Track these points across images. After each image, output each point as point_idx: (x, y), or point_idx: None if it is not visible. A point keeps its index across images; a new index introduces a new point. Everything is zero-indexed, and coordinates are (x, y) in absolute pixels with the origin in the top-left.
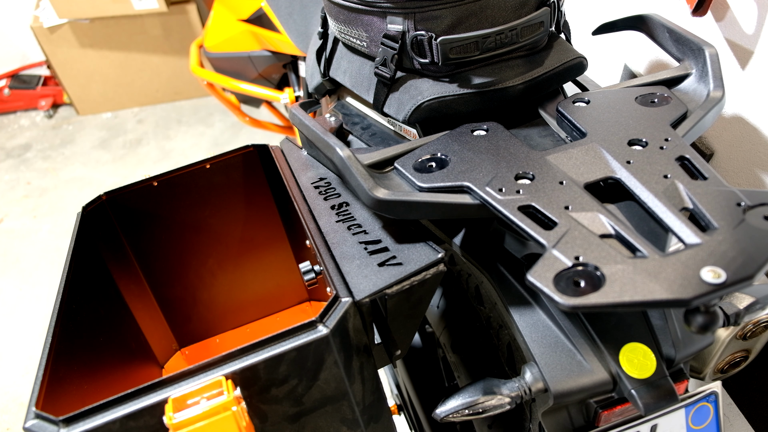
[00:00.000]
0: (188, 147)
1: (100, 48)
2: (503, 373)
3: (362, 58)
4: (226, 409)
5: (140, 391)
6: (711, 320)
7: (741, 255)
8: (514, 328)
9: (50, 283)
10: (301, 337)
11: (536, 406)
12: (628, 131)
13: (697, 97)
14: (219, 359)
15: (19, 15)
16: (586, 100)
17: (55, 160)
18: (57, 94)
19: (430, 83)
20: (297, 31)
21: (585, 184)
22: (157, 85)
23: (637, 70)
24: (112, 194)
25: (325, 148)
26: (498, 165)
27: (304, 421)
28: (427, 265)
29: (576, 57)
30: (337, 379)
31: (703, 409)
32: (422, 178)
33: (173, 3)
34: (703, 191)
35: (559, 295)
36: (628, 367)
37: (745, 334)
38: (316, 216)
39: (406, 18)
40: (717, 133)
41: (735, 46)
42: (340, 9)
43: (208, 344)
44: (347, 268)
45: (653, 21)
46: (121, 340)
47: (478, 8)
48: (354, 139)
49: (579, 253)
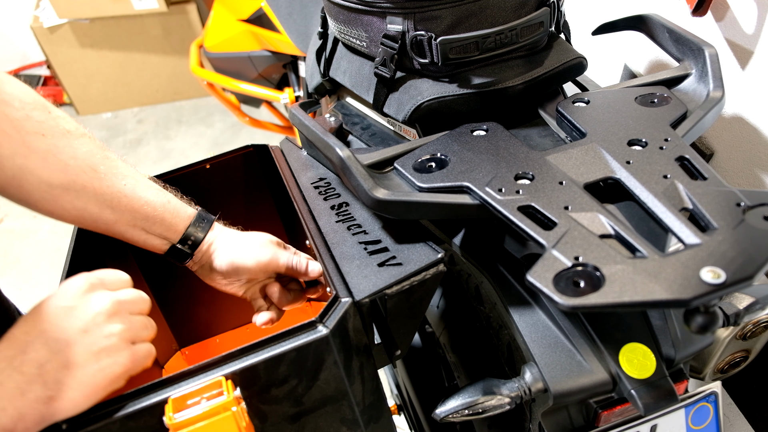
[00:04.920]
0: (188, 147)
1: (100, 48)
2: (503, 373)
3: (362, 58)
4: (226, 410)
5: (140, 391)
6: (711, 320)
7: (741, 255)
8: (514, 328)
9: (50, 283)
10: (301, 337)
11: (536, 406)
12: (628, 131)
13: (697, 97)
14: (219, 359)
15: (19, 15)
16: (586, 100)
17: None
18: (57, 94)
19: (429, 83)
20: (297, 31)
21: (585, 184)
22: (157, 85)
23: (637, 70)
24: None
25: (324, 148)
26: (498, 165)
27: (304, 421)
28: (427, 265)
29: (576, 57)
30: (337, 379)
31: (703, 409)
32: (422, 178)
33: (173, 3)
34: (703, 191)
35: (559, 296)
36: (628, 367)
37: (745, 334)
38: (315, 216)
39: (405, 18)
40: (717, 133)
41: (735, 46)
42: (340, 9)
43: (208, 344)
44: (347, 268)
45: (653, 21)
46: None
47: (477, 8)
48: (354, 139)
49: (579, 253)
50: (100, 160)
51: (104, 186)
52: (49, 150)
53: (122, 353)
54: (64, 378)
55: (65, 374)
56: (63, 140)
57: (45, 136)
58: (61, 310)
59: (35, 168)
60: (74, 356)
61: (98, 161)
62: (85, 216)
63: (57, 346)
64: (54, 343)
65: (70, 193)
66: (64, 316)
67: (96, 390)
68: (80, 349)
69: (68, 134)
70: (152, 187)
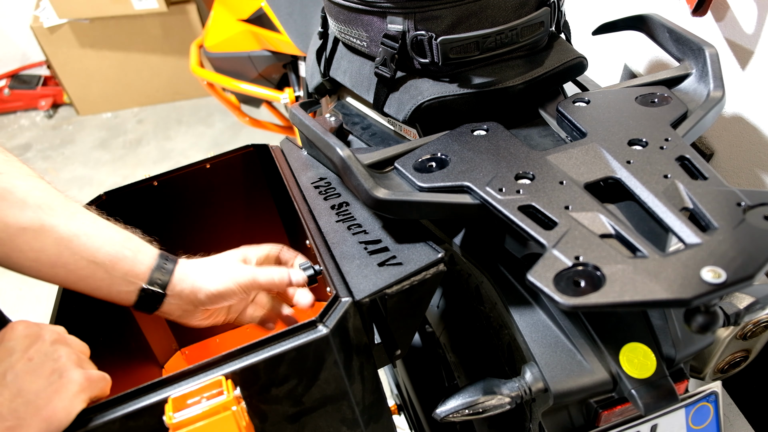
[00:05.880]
0: (188, 147)
1: (100, 48)
2: (503, 373)
3: (362, 58)
4: (225, 409)
5: (140, 390)
6: (711, 320)
7: (741, 255)
8: (514, 328)
9: (50, 283)
10: (300, 336)
11: (536, 406)
12: (628, 131)
13: (697, 97)
14: (219, 359)
15: (19, 15)
16: (586, 100)
17: (55, 160)
18: (57, 94)
19: (430, 83)
20: (297, 31)
21: (585, 184)
22: (157, 85)
23: (637, 70)
24: (112, 194)
25: (325, 148)
26: (498, 165)
27: (304, 421)
28: (427, 264)
29: (576, 57)
30: (337, 379)
31: (703, 409)
32: (422, 178)
33: (173, 3)
34: (703, 191)
35: (559, 295)
36: (628, 367)
37: (745, 334)
38: (316, 216)
39: (406, 18)
40: (717, 133)
41: (735, 46)
42: (340, 9)
43: (208, 344)
44: (347, 268)
45: (653, 21)
46: (121, 340)
47: (478, 8)
48: (354, 139)
49: (579, 253)
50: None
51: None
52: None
53: (74, 372)
54: (20, 406)
55: (20, 403)
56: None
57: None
58: (3, 348)
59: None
60: (25, 384)
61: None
62: (42, 259)
63: (6, 378)
64: (1, 377)
65: (27, 233)
66: (6, 352)
67: (55, 411)
68: (29, 376)
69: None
70: (111, 227)
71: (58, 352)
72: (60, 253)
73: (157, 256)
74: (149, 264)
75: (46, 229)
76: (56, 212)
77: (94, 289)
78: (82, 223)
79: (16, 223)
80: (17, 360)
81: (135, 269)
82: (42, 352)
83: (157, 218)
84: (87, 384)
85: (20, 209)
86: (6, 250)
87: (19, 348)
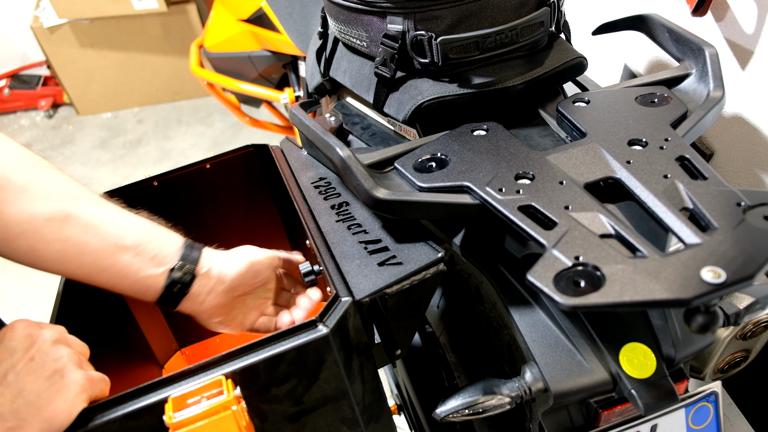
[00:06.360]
0: (188, 147)
1: (100, 48)
2: (503, 372)
3: (362, 58)
4: (225, 409)
5: (140, 390)
6: (711, 320)
7: (741, 255)
8: (514, 327)
9: (50, 283)
10: (300, 336)
11: (536, 406)
12: (628, 131)
13: (697, 97)
14: (219, 359)
15: (19, 15)
16: (586, 100)
17: (55, 160)
18: (57, 94)
19: (430, 83)
20: (297, 31)
21: (585, 184)
22: (157, 85)
23: (637, 70)
24: (112, 194)
25: (325, 148)
26: (498, 165)
27: (304, 420)
28: (427, 264)
29: (576, 57)
30: (337, 379)
31: (703, 409)
32: (422, 178)
33: (173, 3)
34: (703, 191)
35: (559, 295)
36: (628, 367)
37: (745, 334)
38: (316, 216)
39: (406, 18)
40: (717, 133)
41: (735, 46)
42: (340, 9)
43: (208, 344)
44: (347, 268)
45: (653, 21)
46: (121, 340)
47: (478, 8)
48: (354, 139)
49: (579, 253)
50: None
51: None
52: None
53: (75, 372)
54: (21, 407)
55: (21, 403)
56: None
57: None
58: (4, 348)
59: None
60: (26, 384)
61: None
62: (68, 249)
63: (7, 379)
64: (2, 377)
65: (53, 223)
66: (8, 352)
67: (57, 412)
68: (30, 376)
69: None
70: (134, 215)
71: (59, 352)
72: (87, 241)
73: (183, 239)
74: (178, 244)
75: (72, 218)
76: (81, 201)
77: (120, 277)
78: (108, 211)
79: (42, 214)
80: (18, 360)
81: (164, 251)
82: (43, 352)
83: (157, 218)
84: (88, 384)
85: (44, 200)
86: (31, 242)
87: (21, 348)
